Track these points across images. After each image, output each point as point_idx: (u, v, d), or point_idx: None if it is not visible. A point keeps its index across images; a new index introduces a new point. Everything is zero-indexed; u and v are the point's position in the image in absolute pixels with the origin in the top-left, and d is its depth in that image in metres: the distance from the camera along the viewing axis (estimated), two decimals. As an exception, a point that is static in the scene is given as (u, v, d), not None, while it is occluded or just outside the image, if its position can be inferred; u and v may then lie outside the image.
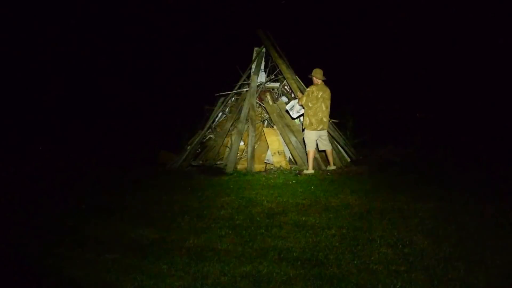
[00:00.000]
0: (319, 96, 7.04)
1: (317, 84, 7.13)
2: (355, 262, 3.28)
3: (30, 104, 12.45)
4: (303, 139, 7.34)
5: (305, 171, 7.06)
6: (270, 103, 8.18)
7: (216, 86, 9.05)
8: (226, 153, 7.93)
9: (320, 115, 7.04)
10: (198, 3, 15.45)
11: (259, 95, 8.27)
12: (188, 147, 8.26)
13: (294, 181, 6.44)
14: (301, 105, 7.17)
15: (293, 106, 7.44)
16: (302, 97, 7.16)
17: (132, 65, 14.69)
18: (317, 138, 7.13)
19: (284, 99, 8.49)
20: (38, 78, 13.16)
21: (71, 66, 13.78)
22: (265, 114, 8.28)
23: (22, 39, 13.06)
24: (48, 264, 3.44)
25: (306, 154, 7.22)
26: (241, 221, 4.40)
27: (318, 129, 7.05)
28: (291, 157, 7.88)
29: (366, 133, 9.89)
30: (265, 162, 7.72)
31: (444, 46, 13.93)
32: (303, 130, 7.45)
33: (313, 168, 7.11)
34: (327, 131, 7.39)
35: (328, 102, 7.16)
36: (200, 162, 7.86)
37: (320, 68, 7.26)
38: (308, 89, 7.21)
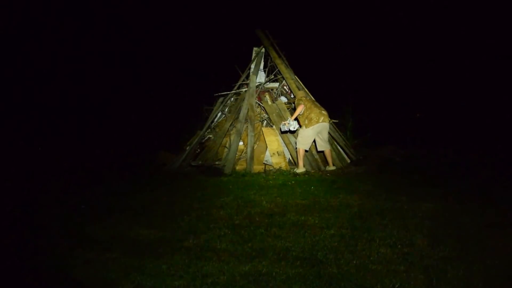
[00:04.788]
0: (307, 97, 7.44)
1: (296, 91, 7.71)
2: (355, 262, 3.27)
3: (30, 105, 12.45)
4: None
5: (295, 170, 7.05)
6: (269, 103, 8.17)
7: (215, 86, 9.06)
8: (225, 154, 7.92)
9: (317, 110, 7.08)
10: (198, 3, 15.47)
11: (258, 95, 8.26)
12: (187, 148, 8.26)
13: (293, 182, 6.42)
14: (295, 119, 7.12)
15: (289, 123, 7.05)
16: (297, 108, 7.08)
17: (132, 66, 14.69)
18: (314, 138, 7.10)
19: (284, 99, 8.48)
20: (37, 78, 13.15)
21: (70, 66, 13.78)
22: (264, 114, 8.28)
23: (23, 39, 13.06)
24: (48, 264, 3.44)
25: (296, 152, 7.21)
26: (240, 221, 4.39)
27: (320, 121, 7.01)
28: (290, 158, 7.86)
29: (368, 133, 9.89)
30: (264, 163, 7.70)
31: (444, 46, 13.94)
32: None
33: (304, 166, 7.12)
34: (328, 132, 7.38)
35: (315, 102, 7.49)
36: (200, 162, 7.86)
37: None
38: (296, 98, 7.53)
